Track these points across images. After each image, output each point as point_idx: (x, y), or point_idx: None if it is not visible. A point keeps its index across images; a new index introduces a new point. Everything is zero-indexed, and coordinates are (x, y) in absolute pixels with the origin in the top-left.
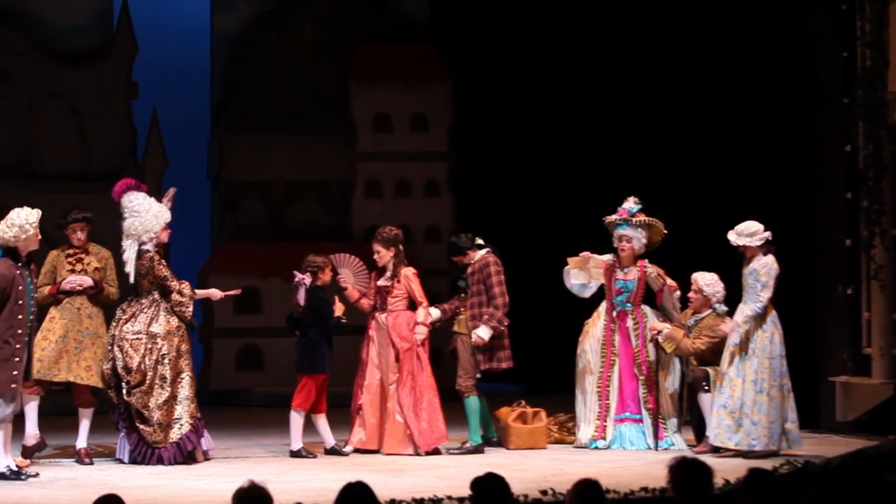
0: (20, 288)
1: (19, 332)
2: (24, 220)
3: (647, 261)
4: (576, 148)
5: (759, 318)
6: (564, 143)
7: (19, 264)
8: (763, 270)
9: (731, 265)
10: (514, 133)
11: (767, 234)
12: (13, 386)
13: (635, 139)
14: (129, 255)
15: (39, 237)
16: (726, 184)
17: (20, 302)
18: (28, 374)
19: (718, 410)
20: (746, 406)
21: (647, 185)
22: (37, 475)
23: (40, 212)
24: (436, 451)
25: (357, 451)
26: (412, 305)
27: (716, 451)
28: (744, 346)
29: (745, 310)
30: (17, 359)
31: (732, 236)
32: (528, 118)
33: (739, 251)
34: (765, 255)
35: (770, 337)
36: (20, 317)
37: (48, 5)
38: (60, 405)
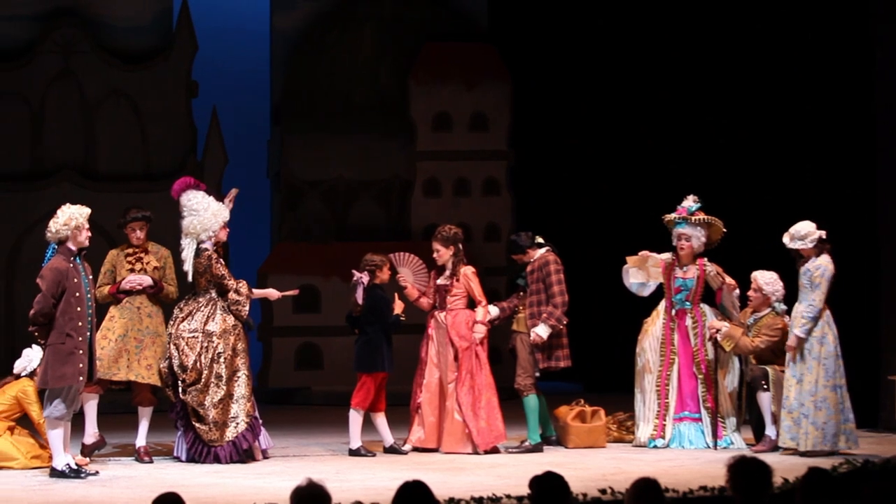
0: (75, 281)
1: (80, 324)
2: (70, 213)
3: (706, 259)
4: (635, 146)
5: (813, 319)
6: (623, 141)
7: (72, 258)
8: (817, 273)
9: (790, 264)
10: (573, 132)
11: (821, 234)
12: (81, 379)
13: (695, 137)
14: (188, 253)
15: (90, 234)
16: (787, 181)
17: (77, 294)
18: (91, 375)
19: (781, 410)
20: (803, 406)
21: (707, 183)
22: (96, 473)
23: (89, 209)
24: (494, 450)
25: (416, 449)
26: (471, 304)
27: (775, 449)
28: (799, 347)
29: (800, 317)
30: (80, 351)
31: (786, 239)
32: (586, 117)
33: (794, 252)
34: (818, 255)
35: (822, 337)
36: (79, 309)
37: (109, 5)
38: (119, 404)
